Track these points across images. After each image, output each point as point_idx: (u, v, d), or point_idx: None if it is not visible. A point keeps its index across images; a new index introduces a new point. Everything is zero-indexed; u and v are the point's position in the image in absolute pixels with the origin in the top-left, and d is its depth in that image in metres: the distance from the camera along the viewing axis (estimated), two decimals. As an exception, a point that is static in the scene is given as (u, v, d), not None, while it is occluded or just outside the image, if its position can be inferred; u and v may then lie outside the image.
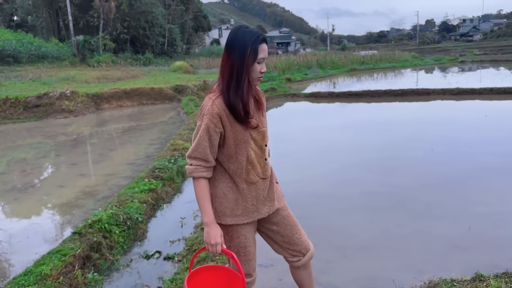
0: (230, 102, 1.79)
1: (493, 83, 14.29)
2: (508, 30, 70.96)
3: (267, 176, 1.98)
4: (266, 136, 1.97)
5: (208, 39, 61.93)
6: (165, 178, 5.45)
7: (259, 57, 1.80)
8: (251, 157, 1.90)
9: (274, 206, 2.02)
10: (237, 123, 1.84)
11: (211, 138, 1.82)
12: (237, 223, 1.94)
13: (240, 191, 1.92)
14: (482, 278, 2.36)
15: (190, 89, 15.46)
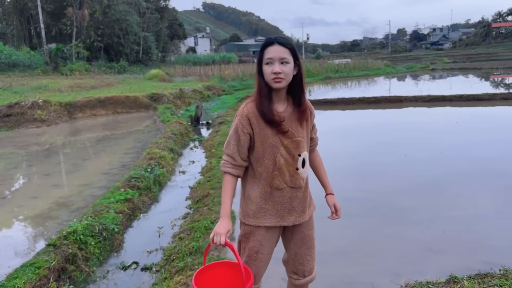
0: (258, 106, 1.88)
1: (462, 90, 14.75)
2: (475, 39, 73.45)
3: (298, 186, 1.97)
4: (302, 146, 1.96)
5: (184, 47, 61.81)
6: (141, 188, 5.39)
7: (266, 57, 1.85)
8: (280, 163, 1.92)
9: (303, 218, 2.03)
10: (268, 127, 1.89)
11: (239, 138, 1.93)
12: (258, 225, 1.99)
13: (264, 194, 1.97)
14: (456, 280, 2.43)
15: (166, 97, 15.35)
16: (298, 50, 2.01)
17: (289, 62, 1.85)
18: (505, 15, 78.18)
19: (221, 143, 8.07)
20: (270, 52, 1.84)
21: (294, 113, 1.94)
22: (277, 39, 1.86)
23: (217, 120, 11.23)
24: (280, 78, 1.83)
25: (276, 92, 1.91)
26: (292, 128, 1.92)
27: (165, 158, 6.95)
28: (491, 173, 5.64)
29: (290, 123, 1.92)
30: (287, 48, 1.85)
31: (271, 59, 1.83)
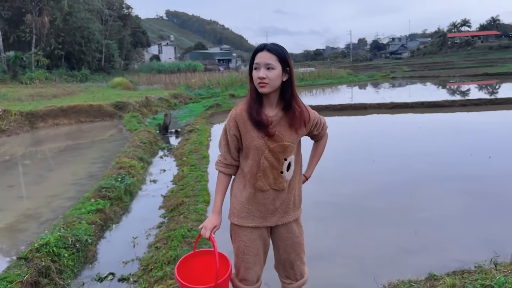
0: (248, 108, 1.95)
1: (423, 98, 15.30)
2: (432, 48, 76.55)
3: (281, 188, 2.01)
4: (290, 151, 1.98)
5: (148, 55, 61.00)
6: (112, 198, 5.27)
7: (254, 62, 1.90)
8: (264, 165, 1.96)
9: (286, 218, 2.06)
10: (254, 129, 1.93)
11: (227, 139, 2.01)
12: (241, 225, 2.04)
13: (248, 195, 2.02)
14: (435, 278, 2.53)
15: (132, 105, 15.08)
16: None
17: (275, 68, 1.87)
18: (459, 25, 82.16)
19: (192, 151, 8.02)
20: (258, 58, 1.90)
21: (284, 118, 1.96)
22: (267, 45, 1.90)
23: (186, 128, 11.14)
24: (264, 83, 1.87)
25: (266, 97, 1.95)
26: (280, 132, 1.95)
27: (135, 167, 6.83)
28: (454, 176, 5.89)
29: (279, 127, 1.95)
30: (274, 54, 1.88)
31: (258, 64, 1.89)
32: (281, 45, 1.93)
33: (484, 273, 2.11)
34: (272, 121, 1.93)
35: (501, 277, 1.89)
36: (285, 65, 1.91)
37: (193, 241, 3.96)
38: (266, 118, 1.93)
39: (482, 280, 1.93)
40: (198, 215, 4.64)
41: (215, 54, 75.63)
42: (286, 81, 1.93)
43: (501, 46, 63.50)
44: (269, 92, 1.91)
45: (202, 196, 5.31)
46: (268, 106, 1.97)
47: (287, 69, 1.92)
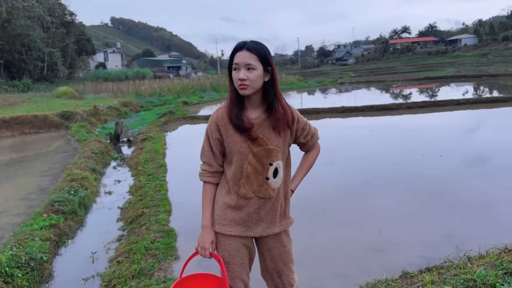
0: (228, 112, 1.84)
1: (371, 101, 15.82)
2: (375, 55, 79.71)
3: (267, 196, 1.88)
4: (275, 155, 1.86)
5: (93, 63, 59.11)
6: (66, 212, 4.99)
7: (234, 63, 1.79)
8: (247, 171, 1.85)
9: (272, 229, 1.93)
10: (237, 133, 1.82)
11: (210, 144, 1.90)
12: (223, 233, 1.91)
13: (230, 201, 1.89)
14: (410, 275, 2.57)
15: (79, 115, 14.46)
16: (213, 65, 1.97)
17: (256, 68, 1.76)
18: (400, 32, 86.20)
19: (147, 160, 7.79)
20: (237, 58, 1.78)
21: (268, 120, 1.85)
22: (246, 44, 1.79)
23: (140, 137, 10.82)
24: (245, 85, 1.76)
25: (248, 98, 1.84)
26: (264, 135, 1.84)
27: (87, 179, 6.52)
28: (409, 175, 6.10)
29: (263, 130, 1.84)
30: (254, 54, 1.77)
31: (238, 65, 1.78)
32: (262, 43, 1.83)
33: (462, 267, 2.17)
34: (254, 124, 1.83)
35: (481, 270, 1.94)
36: (266, 64, 1.80)
37: (157, 252, 3.81)
38: (247, 121, 1.82)
39: (463, 274, 1.97)
40: (161, 225, 4.49)
41: (164, 61, 74.51)
42: (268, 81, 1.83)
43: (439, 51, 67.28)
44: (251, 94, 1.80)
45: (163, 206, 5.16)
46: (250, 108, 1.87)
47: (268, 69, 1.81)
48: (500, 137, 8.65)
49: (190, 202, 5.54)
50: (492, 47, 59.36)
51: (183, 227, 4.54)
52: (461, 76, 28.32)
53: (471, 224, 4.11)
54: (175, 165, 7.75)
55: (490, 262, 2.11)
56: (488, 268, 1.98)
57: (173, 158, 8.46)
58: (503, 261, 2.04)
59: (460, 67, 40.58)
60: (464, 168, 6.42)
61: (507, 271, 1.87)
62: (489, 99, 14.78)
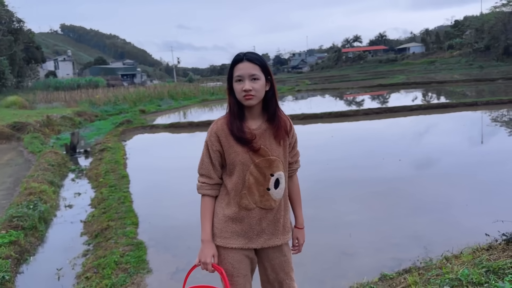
0: (229, 124, 1.82)
1: (328, 108, 16.20)
2: (329, 63, 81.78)
3: (268, 207, 1.87)
4: (276, 166, 1.85)
5: (43, 71, 56.85)
6: (26, 227, 4.75)
7: (236, 75, 1.78)
8: (249, 182, 1.83)
9: (273, 241, 1.91)
10: (238, 144, 1.81)
11: (210, 155, 1.86)
12: (225, 246, 1.87)
13: (231, 213, 1.86)
14: (390, 277, 2.63)
15: (31, 125, 13.82)
16: (168, 73, 1.95)
17: (260, 78, 1.78)
18: (352, 41, 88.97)
19: (108, 171, 7.57)
20: (240, 69, 1.78)
21: (268, 129, 1.85)
22: (246, 55, 1.80)
23: (97, 147, 10.48)
24: (251, 95, 1.76)
25: (249, 109, 1.84)
26: (266, 146, 1.84)
27: (46, 192, 6.24)
28: (372, 179, 6.28)
29: (264, 140, 1.84)
30: (257, 64, 1.79)
31: (241, 76, 1.77)
32: (258, 53, 1.85)
33: (443, 267, 2.25)
34: (256, 135, 1.82)
35: (464, 269, 2.03)
36: (267, 74, 1.82)
37: (128, 266, 3.71)
38: (249, 131, 1.82)
39: (447, 274, 2.05)
40: (129, 238, 4.37)
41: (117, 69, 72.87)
42: (269, 91, 1.84)
43: (389, 59, 69.94)
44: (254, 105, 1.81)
45: (129, 218, 5.03)
46: (250, 118, 1.86)
47: (269, 78, 1.83)
48: (452, 140, 9.11)
49: (157, 214, 5.44)
50: (438, 55, 62.43)
51: (153, 239, 4.44)
52: (411, 83, 29.56)
53: (435, 225, 4.29)
54: (138, 175, 7.58)
55: (468, 261, 2.22)
56: (469, 267, 2.07)
57: (135, 168, 8.26)
58: (482, 259, 2.14)
59: (410, 74, 42.38)
60: (422, 170, 6.70)
61: (488, 269, 1.97)
62: (440, 105, 15.52)
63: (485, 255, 2.20)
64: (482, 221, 4.10)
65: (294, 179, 2.05)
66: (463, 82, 27.65)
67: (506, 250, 2.26)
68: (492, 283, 1.81)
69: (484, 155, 7.61)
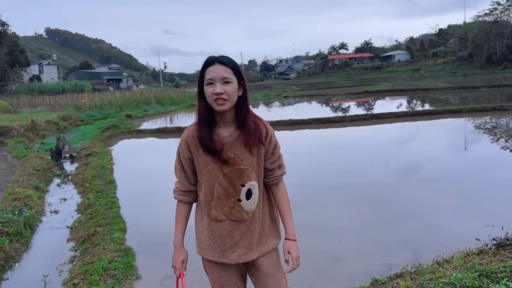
0: (197, 132, 1.76)
1: (317, 114, 16.28)
2: (316, 69, 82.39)
3: (239, 219, 1.78)
4: (247, 176, 1.76)
5: (27, 75, 56.10)
6: (11, 233, 4.66)
7: (206, 78, 1.71)
8: (218, 192, 1.76)
9: (249, 255, 1.81)
10: (206, 153, 1.75)
11: (181, 163, 1.83)
12: (204, 257, 1.86)
13: (204, 225, 1.83)
14: (382, 282, 2.65)
15: (16, 130, 13.60)
16: (155, 78, 1.92)
17: (232, 82, 1.70)
18: (338, 48, 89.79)
19: (94, 177, 7.48)
20: (211, 72, 1.70)
21: (240, 137, 1.76)
22: (218, 58, 1.73)
23: (83, 152, 10.36)
24: (223, 100, 1.68)
25: (221, 115, 1.75)
26: (236, 155, 1.75)
27: (31, 198, 6.14)
28: (360, 184, 6.33)
29: (235, 149, 1.75)
30: (229, 67, 1.71)
31: (212, 79, 1.69)
32: (230, 57, 1.78)
33: (436, 272, 2.27)
34: (226, 143, 1.75)
35: (457, 274, 2.05)
36: (240, 78, 1.75)
37: (117, 273, 3.66)
38: (219, 140, 1.74)
39: (440, 279, 2.07)
40: (117, 244, 4.32)
41: (103, 73, 72.29)
42: (241, 96, 1.76)
43: (375, 67, 70.78)
44: (226, 110, 1.72)
45: (117, 224, 4.97)
46: (222, 125, 1.78)
47: (241, 83, 1.76)
48: (438, 146, 9.23)
49: (145, 219, 5.39)
50: (423, 63, 63.41)
51: (141, 245, 4.40)
52: (397, 90, 29.94)
53: (423, 230, 4.33)
54: (125, 180, 7.50)
55: (460, 266, 2.24)
56: (462, 271, 2.09)
57: (121, 173, 8.18)
58: (474, 263, 2.17)
59: (395, 81, 42.91)
60: (409, 176, 6.78)
61: (481, 273, 1.99)
62: (425, 112, 15.75)
63: (477, 260, 2.24)
64: (469, 226, 4.17)
65: (280, 186, 1.94)
66: (447, 89, 28.10)
67: (497, 254, 2.30)
68: (486, 287, 1.84)
69: (469, 161, 7.73)
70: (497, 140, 9.92)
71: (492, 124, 12.77)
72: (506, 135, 10.66)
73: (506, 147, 9.01)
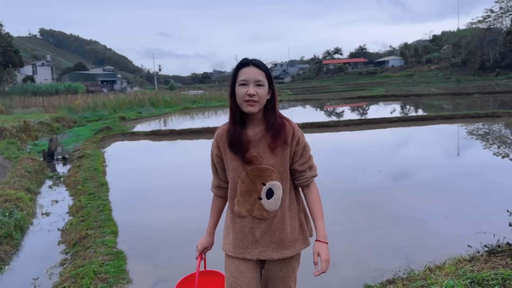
0: (231, 130, 1.82)
1: (311, 118, 16.33)
2: (310, 74, 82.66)
3: (261, 217, 1.82)
4: (269, 175, 1.79)
5: (20, 76, 55.75)
6: (1, 235, 4.61)
7: (240, 79, 1.75)
8: (241, 189, 1.83)
9: (270, 254, 1.83)
10: (231, 151, 1.82)
11: (213, 159, 1.93)
12: (226, 252, 1.91)
13: (228, 219, 1.92)
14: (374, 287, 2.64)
15: (8, 131, 13.49)
16: (149, 80, 1.96)
17: (264, 85, 1.75)
18: (333, 53, 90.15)
19: (87, 179, 7.43)
20: (245, 73, 1.74)
21: (265, 137, 1.80)
22: (252, 60, 1.77)
23: (76, 154, 10.29)
24: (253, 101, 1.72)
25: (250, 116, 1.80)
26: (259, 154, 1.79)
27: (22, 199, 6.08)
28: (353, 189, 6.35)
29: (258, 148, 1.79)
30: (262, 70, 1.76)
31: (246, 81, 1.73)
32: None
33: (428, 278, 2.27)
34: (251, 141, 1.80)
35: (449, 280, 2.05)
36: (270, 82, 1.79)
37: (108, 276, 3.63)
38: (246, 139, 1.80)
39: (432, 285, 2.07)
40: (108, 248, 4.28)
41: (97, 75, 72.02)
42: (270, 100, 1.81)
43: (369, 72, 71.17)
44: (256, 112, 1.76)
45: (109, 227, 4.93)
46: (250, 125, 1.83)
47: (271, 87, 1.80)
48: (430, 151, 9.28)
49: (137, 222, 5.35)
50: (416, 68, 63.87)
51: (132, 248, 4.36)
52: (390, 95, 30.08)
53: (415, 235, 4.34)
54: (117, 183, 7.46)
55: (452, 272, 2.24)
56: (453, 278, 2.09)
57: (114, 176, 8.13)
58: (466, 270, 2.17)
59: (389, 87, 43.16)
60: (401, 181, 6.80)
61: (472, 280, 1.99)
62: (419, 117, 15.85)
63: (468, 266, 2.24)
64: (461, 232, 4.18)
65: (311, 188, 1.97)
66: (441, 95, 28.29)
67: (488, 261, 2.30)
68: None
69: (462, 167, 7.77)
70: (490, 146, 9.99)
71: (485, 130, 12.86)
72: (498, 141, 10.74)
73: (499, 153, 9.08)
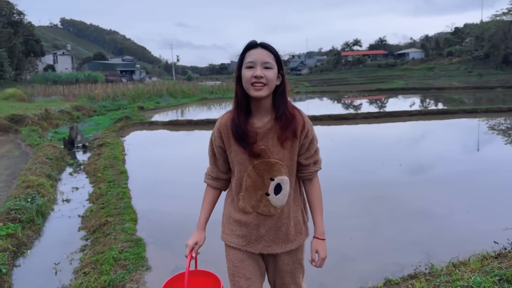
0: (235, 119, 1.70)
1: (328, 111, 16.20)
2: (328, 66, 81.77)
3: (267, 214, 1.72)
4: (278, 170, 1.68)
5: (41, 65, 56.64)
6: (24, 220, 4.70)
7: (247, 61, 1.63)
8: (246, 184, 1.71)
9: (274, 249, 1.77)
10: (237, 143, 1.69)
11: (213, 150, 1.81)
12: (226, 243, 1.84)
13: (233, 212, 1.81)
14: (395, 282, 2.61)
15: (30, 118, 13.75)
16: (167, 71, 1.87)
17: (273, 67, 1.62)
18: (352, 45, 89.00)
19: (107, 167, 7.52)
20: (252, 55, 1.62)
21: (273, 129, 1.67)
22: (260, 42, 1.66)
23: (96, 142, 10.43)
24: (261, 84, 1.59)
25: (257, 103, 1.67)
26: (268, 148, 1.67)
27: (44, 186, 6.19)
28: (373, 182, 6.27)
29: (266, 141, 1.67)
30: (271, 52, 1.64)
31: (253, 63, 1.61)
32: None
33: (453, 274, 2.23)
34: (259, 133, 1.67)
35: (476, 277, 2.00)
36: (279, 66, 1.67)
37: (127, 263, 3.67)
38: (253, 130, 1.67)
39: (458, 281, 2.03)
40: (128, 235, 4.33)
41: (117, 65, 72.72)
42: (280, 86, 1.68)
43: (388, 64, 70.07)
44: (263, 97, 1.63)
45: (128, 214, 4.98)
46: (257, 114, 1.70)
47: (281, 72, 1.68)
48: (452, 146, 9.10)
49: (156, 210, 5.40)
50: (437, 61, 62.60)
51: (152, 236, 4.40)
52: (410, 89, 29.60)
53: (436, 230, 4.26)
54: (136, 171, 7.53)
55: (478, 269, 2.19)
56: (480, 274, 2.05)
57: (133, 164, 8.21)
58: (493, 267, 2.12)
59: (408, 79, 42.45)
60: (421, 175, 6.69)
61: (501, 277, 1.94)
62: (440, 111, 15.56)
63: (495, 263, 2.18)
64: (484, 228, 4.10)
65: (314, 181, 1.85)
66: (462, 89, 27.70)
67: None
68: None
69: (483, 162, 7.61)
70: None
71: (507, 126, 12.56)
72: (521, 137, 10.48)
73: (522, 149, 8.86)
